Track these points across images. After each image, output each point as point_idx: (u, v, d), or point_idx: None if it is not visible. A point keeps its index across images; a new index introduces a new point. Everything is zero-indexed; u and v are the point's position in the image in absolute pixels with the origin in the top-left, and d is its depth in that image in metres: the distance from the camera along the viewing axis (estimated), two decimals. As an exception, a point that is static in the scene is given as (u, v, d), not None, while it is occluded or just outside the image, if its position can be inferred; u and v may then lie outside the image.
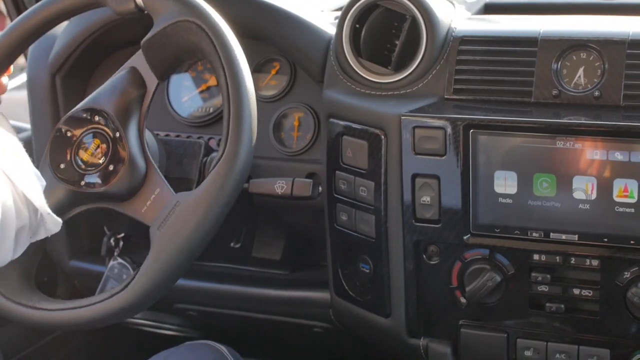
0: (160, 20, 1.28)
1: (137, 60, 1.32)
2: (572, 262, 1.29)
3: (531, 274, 1.32)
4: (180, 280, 1.64)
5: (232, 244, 1.65)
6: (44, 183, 1.18)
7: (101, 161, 1.28)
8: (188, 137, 1.50)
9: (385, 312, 1.46)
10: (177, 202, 1.24)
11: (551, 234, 1.29)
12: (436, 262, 1.38)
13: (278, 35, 1.56)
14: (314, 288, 1.63)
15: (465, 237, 1.33)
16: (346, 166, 1.43)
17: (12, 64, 1.37)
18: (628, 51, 1.29)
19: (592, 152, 1.24)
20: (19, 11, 2.03)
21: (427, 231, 1.36)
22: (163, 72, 1.32)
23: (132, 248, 1.72)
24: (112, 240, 1.71)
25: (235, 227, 1.63)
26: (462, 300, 1.37)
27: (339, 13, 1.49)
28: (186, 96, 1.71)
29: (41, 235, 1.19)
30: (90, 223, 1.76)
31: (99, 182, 1.27)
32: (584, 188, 1.26)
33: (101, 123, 1.30)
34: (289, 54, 1.60)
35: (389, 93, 1.42)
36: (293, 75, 1.62)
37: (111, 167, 1.27)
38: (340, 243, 1.50)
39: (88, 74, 1.74)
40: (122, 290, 1.24)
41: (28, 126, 1.82)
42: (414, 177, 1.34)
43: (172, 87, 1.72)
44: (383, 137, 1.36)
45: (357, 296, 1.50)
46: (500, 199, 1.30)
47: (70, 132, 1.30)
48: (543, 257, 1.31)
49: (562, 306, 1.31)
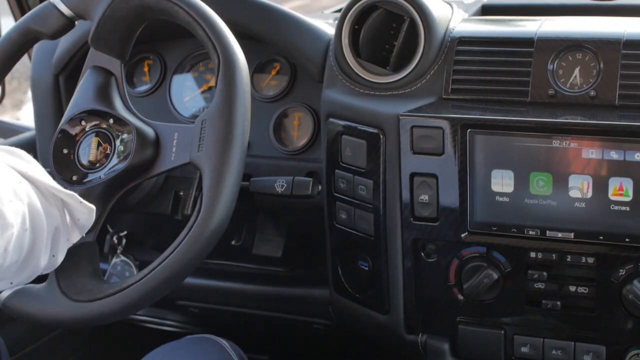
0: (94, 13, 1.29)
1: (92, 58, 1.32)
2: (568, 260, 1.29)
3: (528, 272, 1.32)
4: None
5: (233, 242, 1.65)
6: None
7: (106, 158, 1.28)
8: None
9: (384, 309, 1.45)
10: (203, 120, 1.21)
11: (547, 232, 1.29)
12: (434, 260, 1.37)
13: (278, 36, 1.56)
14: (314, 285, 1.63)
15: (462, 235, 1.33)
16: (345, 165, 1.43)
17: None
18: (623, 51, 1.29)
19: (588, 151, 1.24)
20: (23, 12, 2.03)
21: (425, 229, 1.36)
22: (121, 51, 1.31)
23: (135, 246, 1.72)
24: (115, 238, 1.71)
25: (236, 225, 1.63)
26: (460, 297, 1.37)
27: (339, 14, 1.49)
28: (188, 96, 1.71)
29: (76, 236, 1.15)
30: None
31: (119, 162, 1.25)
32: (580, 187, 1.26)
33: (93, 125, 1.29)
34: (289, 55, 1.60)
35: (388, 93, 1.42)
36: (293, 75, 1.62)
37: (121, 148, 1.26)
38: (339, 241, 1.50)
39: None
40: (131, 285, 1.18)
41: (32, 125, 1.82)
42: (412, 176, 1.34)
43: (174, 88, 1.71)
44: (382, 137, 1.36)
45: (356, 293, 1.50)
46: (497, 198, 1.30)
47: (72, 132, 1.30)
48: (539, 255, 1.30)
49: (559, 303, 1.31)
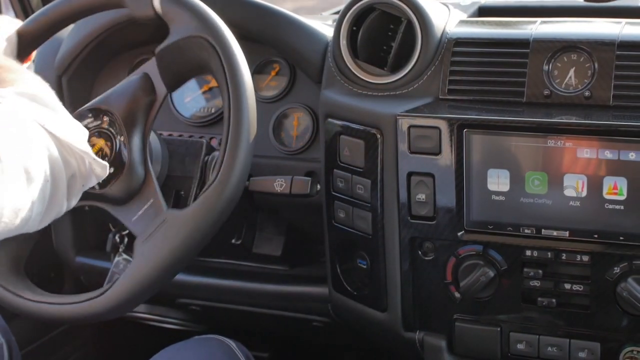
0: (175, 31, 1.28)
1: (150, 67, 1.32)
2: (564, 258, 1.29)
3: (523, 270, 1.32)
4: (183, 275, 1.66)
5: (234, 241, 1.65)
6: (86, 132, 1.15)
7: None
8: (190, 137, 1.50)
9: (382, 307, 1.45)
10: (165, 220, 1.24)
11: (543, 231, 1.29)
12: (431, 258, 1.37)
13: (278, 37, 1.56)
14: (313, 283, 1.63)
15: (459, 234, 1.33)
16: (344, 165, 1.43)
17: (33, 52, 1.37)
18: (617, 52, 1.29)
19: (583, 151, 1.24)
20: (27, 14, 2.02)
21: (423, 228, 1.35)
22: (173, 83, 1.32)
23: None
24: (117, 236, 1.70)
25: (236, 224, 1.63)
26: (457, 295, 1.37)
27: (337, 16, 1.49)
28: (189, 97, 1.71)
29: (92, 182, 1.15)
30: (95, 220, 1.75)
31: (97, 184, 1.27)
32: (575, 186, 1.25)
33: (106, 123, 1.30)
34: (289, 56, 1.59)
35: (385, 93, 1.42)
36: (292, 76, 1.62)
37: (111, 170, 1.27)
38: (338, 239, 1.50)
39: (93, 76, 1.73)
40: (99, 296, 1.25)
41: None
42: (410, 175, 1.34)
43: (175, 88, 1.71)
44: (379, 137, 1.36)
45: (355, 291, 1.50)
46: (493, 197, 1.30)
47: None
48: (535, 253, 1.30)
49: (554, 301, 1.31)
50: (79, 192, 1.15)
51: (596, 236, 1.26)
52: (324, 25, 1.59)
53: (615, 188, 1.24)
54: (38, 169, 1.02)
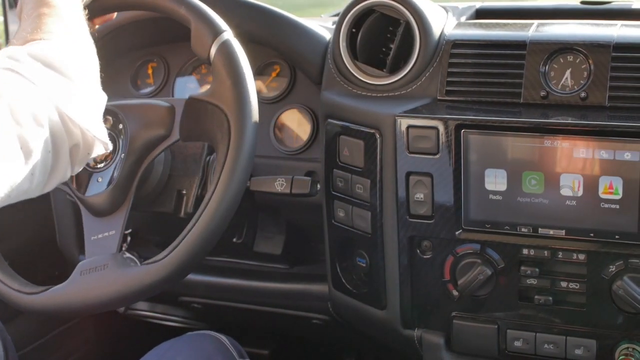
0: (213, 88, 1.26)
1: (178, 104, 1.30)
2: (560, 256, 1.29)
3: (520, 268, 1.32)
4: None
5: (235, 240, 1.65)
6: (104, 98, 1.11)
7: (101, 165, 1.29)
8: None
9: (380, 305, 1.45)
10: (106, 265, 1.23)
11: (539, 229, 1.29)
12: (429, 257, 1.37)
13: (279, 39, 1.56)
14: (313, 281, 1.63)
15: (457, 233, 1.33)
16: (343, 164, 1.43)
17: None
18: (613, 54, 1.29)
19: (579, 151, 1.24)
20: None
21: (421, 227, 1.35)
22: (185, 135, 1.30)
23: (140, 243, 1.72)
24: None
25: (237, 223, 1.63)
26: (455, 293, 1.37)
27: (337, 18, 1.49)
28: (191, 98, 1.70)
29: (100, 150, 1.10)
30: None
31: (78, 189, 1.27)
32: (571, 185, 1.25)
33: (110, 123, 1.30)
34: (289, 58, 1.60)
35: (384, 94, 1.42)
36: (293, 77, 1.62)
37: (100, 179, 1.27)
38: (337, 238, 1.50)
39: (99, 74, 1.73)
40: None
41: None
42: (408, 175, 1.34)
43: (177, 89, 1.71)
44: (378, 137, 1.36)
45: (354, 289, 1.50)
46: (490, 196, 1.30)
47: None
48: (532, 252, 1.30)
49: (550, 298, 1.31)
50: (84, 160, 1.10)
51: (592, 235, 1.26)
52: (324, 27, 1.59)
53: (610, 187, 1.24)
54: (38, 142, 0.98)
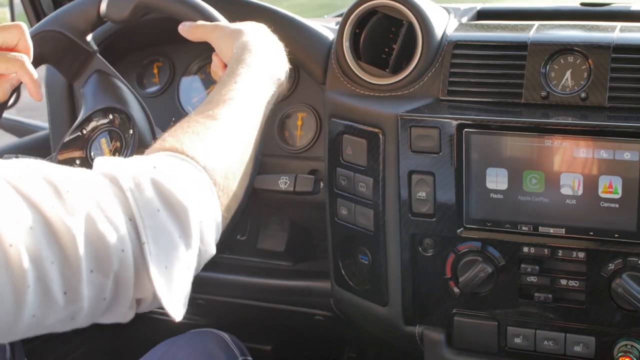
0: None
1: None
2: (560, 255, 1.29)
3: (521, 266, 1.32)
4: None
5: (239, 237, 1.65)
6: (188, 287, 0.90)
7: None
8: None
9: (382, 301, 1.45)
10: None
11: (540, 228, 1.29)
12: (431, 254, 1.37)
13: (283, 40, 1.55)
14: (316, 278, 1.63)
15: (458, 231, 1.33)
16: (346, 163, 1.43)
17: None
18: (613, 55, 1.29)
19: (579, 151, 1.24)
20: (38, 18, 2.02)
21: (423, 225, 1.35)
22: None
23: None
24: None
25: (241, 221, 1.63)
26: (456, 290, 1.37)
27: (340, 19, 1.49)
28: (196, 97, 1.71)
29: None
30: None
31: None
32: (571, 184, 1.25)
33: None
34: (293, 58, 1.59)
35: (387, 94, 1.42)
36: (297, 77, 1.62)
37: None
38: (340, 236, 1.50)
39: None
40: None
41: (45, 125, 1.82)
42: (411, 174, 1.34)
43: (183, 89, 1.71)
44: (381, 136, 1.36)
45: (356, 286, 1.50)
46: (491, 195, 1.30)
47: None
48: (532, 250, 1.30)
49: (550, 296, 1.31)
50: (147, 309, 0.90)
51: (592, 233, 1.26)
52: (328, 27, 1.59)
53: (610, 187, 1.24)
54: (89, 288, 0.79)
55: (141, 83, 1.74)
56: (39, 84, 1.17)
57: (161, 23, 1.54)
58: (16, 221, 0.73)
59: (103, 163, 0.86)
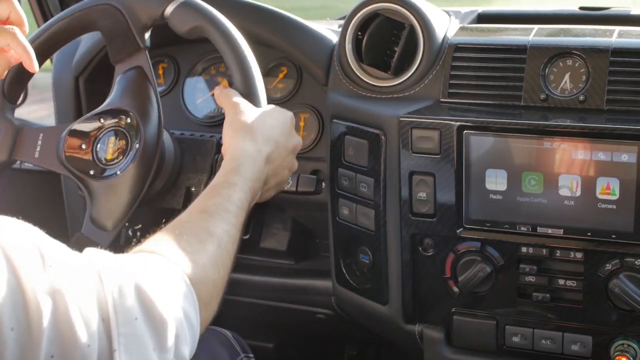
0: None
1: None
2: (558, 255, 1.29)
3: (519, 266, 1.32)
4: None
5: (241, 235, 1.65)
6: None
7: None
8: (201, 136, 1.50)
9: (383, 300, 1.46)
10: None
11: (538, 228, 1.29)
12: (431, 254, 1.37)
13: (286, 42, 1.56)
14: (317, 277, 1.63)
15: (458, 231, 1.33)
16: (348, 164, 1.43)
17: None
18: (611, 59, 1.29)
19: (577, 152, 1.24)
20: (45, 18, 2.03)
21: (423, 225, 1.35)
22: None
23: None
24: (130, 231, 1.71)
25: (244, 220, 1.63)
26: (455, 289, 1.37)
27: (342, 21, 1.49)
28: (200, 98, 1.71)
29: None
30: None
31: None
32: (569, 185, 1.25)
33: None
34: (296, 59, 1.60)
35: (389, 96, 1.42)
36: (299, 79, 1.63)
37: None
38: (342, 235, 1.50)
39: (109, 77, 1.74)
40: None
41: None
42: (411, 175, 1.34)
43: (187, 90, 1.72)
44: (382, 137, 1.36)
45: (357, 285, 1.50)
46: (491, 195, 1.30)
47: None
48: (530, 250, 1.30)
49: (548, 296, 1.31)
50: None
51: (589, 234, 1.26)
52: (330, 30, 1.59)
53: (608, 188, 1.24)
54: None
55: (146, 84, 1.74)
56: (33, 55, 1.14)
57: (166, 25, 1.54)
58: None
59: (94, 254, 0.84)
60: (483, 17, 1.71)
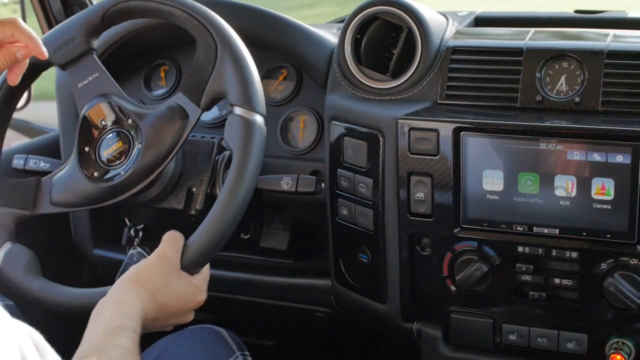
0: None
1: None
2: (554, 254, 1.29)
3: (516, 265, 1.32)
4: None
5: (242, 235, 1.65)
6: None
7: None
8: (202, 137, 1.51)
9: (381, 299, 1.46)
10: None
11: (534, 228, 1.29)
12: (429, 253, 1.38)
13: (286, 44, 1.56)
14: (317, 276, 1.63)
15: (455, 230, 1.34)
16: (347, 164, 1.43)
17: None
18: (606, 61, 1.29)
19: (573, 153, 1.24)
20: (49, 23, 2.03)
21: (421, 225, 1.36)
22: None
23: (151, 238, 1.72)
24: (133, 230, 1.71)
25: (245, 220, 1.62)
26: (453, 288, 1.37)
27: (342, 24, 1.49)
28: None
29: None
30: (112, 214, 1.76)
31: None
32: (565, 186, 1.26)
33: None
34: (296, 62, 1.60)
35: (387, 98, 1.42)
36: (299, 81, 1.63)
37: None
38: (341, 235, 1.50)
39: (113, 77, 1.74)
40: None
41: (55, 127, 1.82)
42: (409, 175, 1.34)
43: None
44: (381, 138, 1.36)
45: (356, 284, 1.51)
46: (487, 196, 1.30)
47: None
48: (527, 249, 1.31)
49: (544, 294, 1.32)
50: None
51: (585, 234, 1.27)
52: (330, 33, 1.59)
53: (603, 189, 1.24)
54: None
55: (148, 86, 1.74)
56: (40, 42, 1.13)
57: (168, 27, 1.54)
58: None
59: None
60: (480, 20, 1.71)
